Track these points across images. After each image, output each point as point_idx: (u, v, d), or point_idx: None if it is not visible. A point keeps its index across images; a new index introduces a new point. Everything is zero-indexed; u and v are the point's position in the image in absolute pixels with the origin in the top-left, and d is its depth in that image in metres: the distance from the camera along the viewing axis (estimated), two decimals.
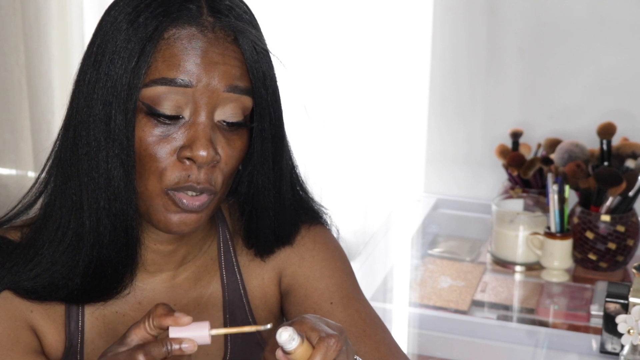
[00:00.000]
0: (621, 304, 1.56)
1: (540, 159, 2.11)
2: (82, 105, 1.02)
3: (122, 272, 1.06)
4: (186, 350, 0.92)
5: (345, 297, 1.17)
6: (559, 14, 2.23)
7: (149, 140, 1.00)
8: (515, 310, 1.85)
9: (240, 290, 1.17)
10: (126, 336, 0.94)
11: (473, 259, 2.06)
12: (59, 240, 1.04)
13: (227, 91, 1.00)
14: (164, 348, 0.92)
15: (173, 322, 0.93)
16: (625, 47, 2.21)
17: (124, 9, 1.01)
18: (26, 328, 1.07)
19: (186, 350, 0.92)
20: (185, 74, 0.99)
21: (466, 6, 2.28)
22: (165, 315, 0.93)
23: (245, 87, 1.02)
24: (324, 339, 0.90)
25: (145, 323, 0.94)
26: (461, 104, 2.36)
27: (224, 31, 1.01)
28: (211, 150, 1.00)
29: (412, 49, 2.32)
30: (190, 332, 0.93)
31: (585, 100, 2.25)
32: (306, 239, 1.19)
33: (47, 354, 1.09)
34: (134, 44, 0.99)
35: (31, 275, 1.04)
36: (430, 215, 2.30)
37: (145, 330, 0.94)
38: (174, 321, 0.93)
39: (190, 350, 0.93)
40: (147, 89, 0.99)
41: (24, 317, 1.07)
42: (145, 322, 0.94)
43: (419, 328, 1.79)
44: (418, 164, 2.42)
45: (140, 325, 0.94)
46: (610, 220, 1.90)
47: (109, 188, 1.01)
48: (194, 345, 0.93)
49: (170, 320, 0.93)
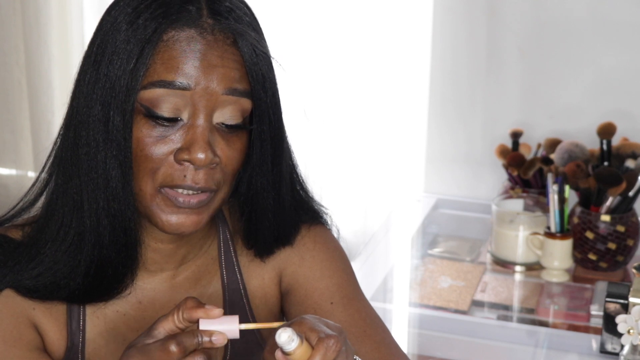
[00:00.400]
0: (621, 304, 1.56)
1: (540, 159, 2.11)
2: (81, 105, 1.02)
3: (122, 273, 1.06)
4: (216, 342, 0.93)
5: (346, 297, 1.17)
6: (559, 14, 2.23)
7: (146, 142, 1.00)
8: (515, 310, 1.85)
9: (241, 290, 1.17)
10: (153, 328, 0.95)
11: (473, 259, 2.06)
12: (61, 239, 1.04)
13: (225, 94, 1.00)
14: (196, 339, 0.92)
15: (204, 314, 0.93)
16: (625, 47, 2.21)
17: (124, 10, 1.01)
18: (29, 325, 1.07)
19: (216, 342, 0.93)
20: (184, 76, 0.99)
21: (466, 6, 2.28)
22: (196, 307, 0.94)
23: (244, 89, 1.02)
24: (323, 340, 0.90)
25: (174, 315, 0.94)
26: (461, 104, 2.36)
27: (224, 33, 1.01)
28: (209, 153, 1.00)
29: (412, 49, 2.32)
30: (221, 325, 0.93)
31: (585, 100, 2.25)
32: (306, 239, 1.19)
33: (49, 352, 1.09)
34: (133, 45, 0.99)
35: (33, 274, 1.04)
36: (430, 215, 2.30)
37: (174, 322, 0.94)
38: (205, 313, 0.93)
39: (220, 343, 0.93)
40: (146, 91, 0.99)
41: (26, 314, 1.07)
42: (174, 315, 0.94)
43: (419, 328, 1.79)
44: (418, 164, 2.42)
45: (168, 317, 0.94)
46: (610, 220, 1.90)
47: (108, 189, 1.01)
48: (224, 338, 0.93)
49: (201, 313, 0.93)
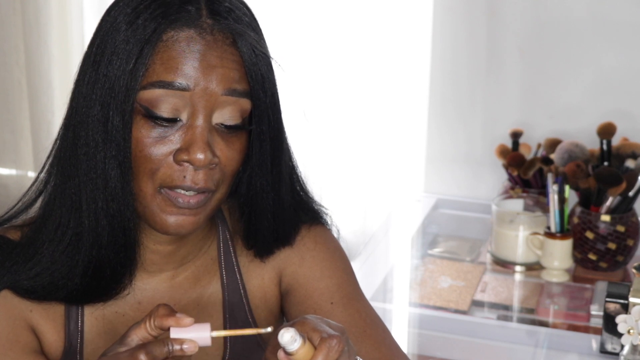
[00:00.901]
0: (621, 304, 1.56)
1: (540, 159, 2.11)
2: (81, 106, 1.02)
3: (121, 273, 1.06)
4: (187, 350, 0.92)
5: (346, 297, 1.17)
6: (559, 14, 2.23)
7: (145, 142, 1.00)
8: (515, 310, 1.85)
9: (240, 291, 1.17)
10: (126, 336, 0.94)
11: (473, 259, 2.06)
12: (59, 239, 1.04)
13: (225, 94, 1.00)
14: (166, 348, 0.92)
15: (175, 323, 0.93)
16: (625, 47, 2.21)
17: (123, 10, 1.01)
18: (25, 327, 1.07)
19: (187, 350, 0.92)
20: (183, 77, 0.99)
21: (466, 6, 2.28)
22: (167, 315, 0.93)
23: (243, 90, 1.02)
24: (325, 340, 0.90)
25: (147, 323, 0.94)
26: (461, 104, 2.36)
27: (223, 33, 1.01)
28: (208, 154, 1.00)
29: (412, 49, 2.32)
30: (192, 333, 0.93)
31: (585, 100, 2.25)
32: (306, 239, 1.19)
33: (47, 353, 1.09)
34: (132, 45, 0.99)
35: (31, 275, 1.04)
36: (430, 215, 2.30)
37: (146, 330, 0.94)
38: (175, 322, 0.93)
39: (191, 351, 0.93)
40: (145, 91, 0.99)
41: (23, 316, 1.07)
42: (146, 323, 0.94)
43: (419, 328, 1.79)
44: (418, 164, 2.42)
45: (141, 325, 0.94)
46: (610, 220, 1.90)
47: (107, 189, 1.01)
48: (195, 346, 0.93)
49: (172, 321, 0.93)
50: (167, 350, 0.92)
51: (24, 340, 1.06)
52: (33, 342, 1.07)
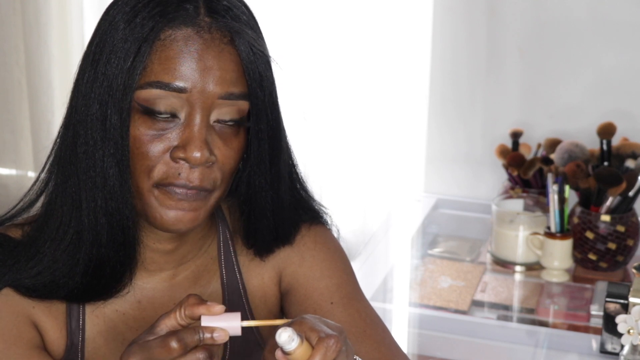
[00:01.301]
0: (621, 304, 1.56)
1: (540, 159, 2.11)
2: (80, 104, 1.02)
3: (121, 272, 1.06)
4: (218, 339, 0.93)
5: (346, 297, 1.17)
6: (559, 14, 2.23)
7: (143, 139, 1.00)
8: (515, 310, 1.85)
9: (240, 290, 1.17)
10: (155, 326, 0.94)
11: (473, 259, 2.06)
12: (60, 238, 1.04)
13: (222, 98, 1.00)
14: (197, 335, 0.92)
15: (206, 311, 0.93)
16: (625, 47, 2.21)
17: (122, 8, 1.01)
18: (29, 324, 1.07)
19: (218, 339, 0.93)
20: (180, 79, 0.99)
21: (466, 6, 2.28)
22: (198, 304, 0.93)
23: (240, 92, 1.02)
24: (323, 340, 0.90)
25: (177, 313, 0.94)
26: (461, 104, 2.36)
27: (220, 32, 1.01)
28: (205, 152, 1.00)
29: (412, 49, 2.32)
30: (223, 322, 0.93)
31: (585, 100, 2.25)
32: (307, 238, 1.19)
33: (49, 351, 1.09)
34: (130, 43, 0.99)
35: (32, 273, 1.04)
36: (430, 215, 2.30)
37: (176, 319, 0.94)
38: (206, 310, 0.93)
39: (221, 340, 0.93)
40: (143, 90, 0.99)
41: (26, 313, 1.07)
42: (176, 312, 0.94)
43: (419, 328, 1.79)
44: (418, 164, 2.42)
45: (170, 315, 0.94)
46: (610, 220, 1.90)
47: (105, 187, 1.01)
48: (226, 335, 0.93)
49: (203, 309, 0.93)
50: (199, 338, 0.92)
51: (28, 336, 1.06)
52: (36, 338, 1.07)
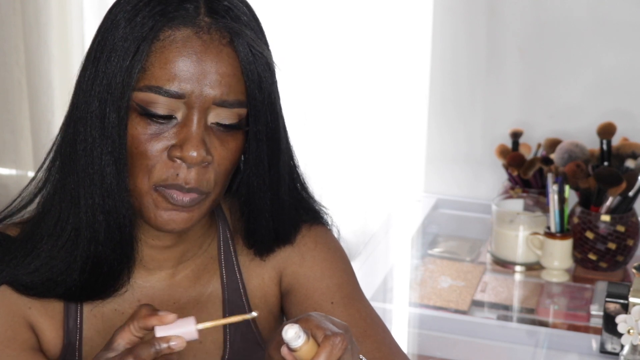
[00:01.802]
0: (621, 304, 1.56)
1: (540, 159, 2.11)
2: (81, 102, 1.02)
3: (118, 270, 1.06)
4: (175, 347, 0.92)
5: (346, 297, 1.17)
6: (559, 14, 2.23)
7: (140, 139, 1.00)
8: (515, 310, 1.85)
9: (240, 290, 1.17)
10: (113, 341, 0.94)
11: (473, 259, 2.06)
12: (58, 234, 1.04)
13: (219, 105, 1.00)
14: (153, 348, 0.91)
15: (158, 322, 0.92)
16: (625, 47, 2.21)
17: (124, 7, 1.01)
18: (24, 325, 1.07)
19: (175, 347, 0.92)
20: (178, 84, 0.98)
21: (466, 6, 2.28)
22: (150, 315, 0.93)
23: (235, 100, 1.01)
24: (329, 337, 0.90)
25: (130, 326, 0.93)
26: (461, 104, 2.36)
27: (220, 32, 1.01)
28: (202, 151, 1.00)
29: (412, 49, 2.32)
30: (177, 329, 0.92)
31: (585, 100, 2.25)
32: (307, 238, 1.19)
33: (45, 351, 1.09)
34: (130, 42, 0.99)
35: (30, 270, 1.04)
36: (430, 215, 2.30)
37: (131, 332, 0.93)
38: (158, 320, 0.92)
39: (179, 347, 0.92)
40: (141, 93, 0.99)
41: (21, 313, 1.07)
42: (130, 325, 0.93)
43: (419, 328, 1.79)
44: (418, 164, 2.42)
45: (125, 328, 0.94)
46: (610, 220, 1.90)
47: (103, 185, 1.02)
48: (182, 342, 0.92)
49: (155, 320, 0.93)
50: (155, 350, 0.91)
51: (22, 338, 1.06)
52: (31, 339, 1.07)
